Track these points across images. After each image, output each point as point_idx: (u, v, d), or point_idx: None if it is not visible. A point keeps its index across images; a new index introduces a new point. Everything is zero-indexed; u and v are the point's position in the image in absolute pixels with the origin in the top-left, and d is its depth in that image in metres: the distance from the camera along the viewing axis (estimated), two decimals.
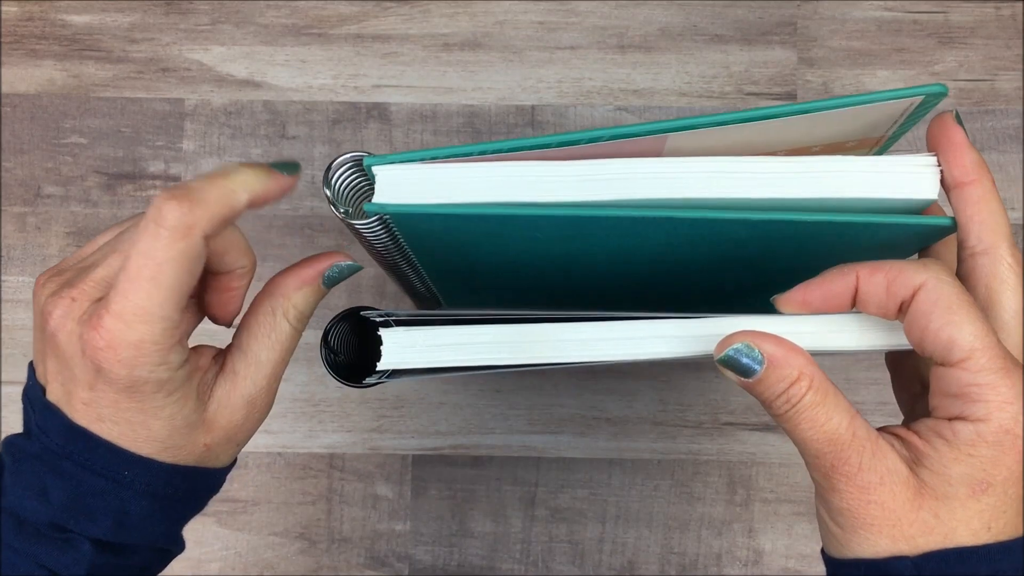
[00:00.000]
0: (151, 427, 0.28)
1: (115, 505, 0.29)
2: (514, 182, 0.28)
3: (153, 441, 0.28)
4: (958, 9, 0.57)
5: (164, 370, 0.27)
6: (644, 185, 0.28)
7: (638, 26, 0.57)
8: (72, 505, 0.28)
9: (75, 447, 0.28)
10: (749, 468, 0.55)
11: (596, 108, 0.57)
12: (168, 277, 0.26)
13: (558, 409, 0.55)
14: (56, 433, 0.28)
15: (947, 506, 0.26)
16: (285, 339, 0.30)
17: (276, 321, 0.30)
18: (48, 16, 0.58)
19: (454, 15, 0.57)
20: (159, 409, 0.28)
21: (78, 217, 0.57)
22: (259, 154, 0.57)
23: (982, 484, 0.26)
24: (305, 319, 0.31)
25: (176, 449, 0.29)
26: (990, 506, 0.26)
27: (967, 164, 0.28)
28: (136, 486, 0.29)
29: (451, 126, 0.57)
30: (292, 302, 0.30)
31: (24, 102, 0.57)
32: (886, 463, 0.26)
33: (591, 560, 0.55)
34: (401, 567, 0.55)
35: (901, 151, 0.29)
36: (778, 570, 0.55)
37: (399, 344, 0.29)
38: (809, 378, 0.27)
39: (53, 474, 0.28)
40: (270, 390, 0.31)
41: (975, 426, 0.26)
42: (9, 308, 0.56)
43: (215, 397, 0.30)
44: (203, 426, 0.29)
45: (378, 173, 0.28)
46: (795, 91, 0.56)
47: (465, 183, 0.28)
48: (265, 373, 0.30)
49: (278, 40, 0.57)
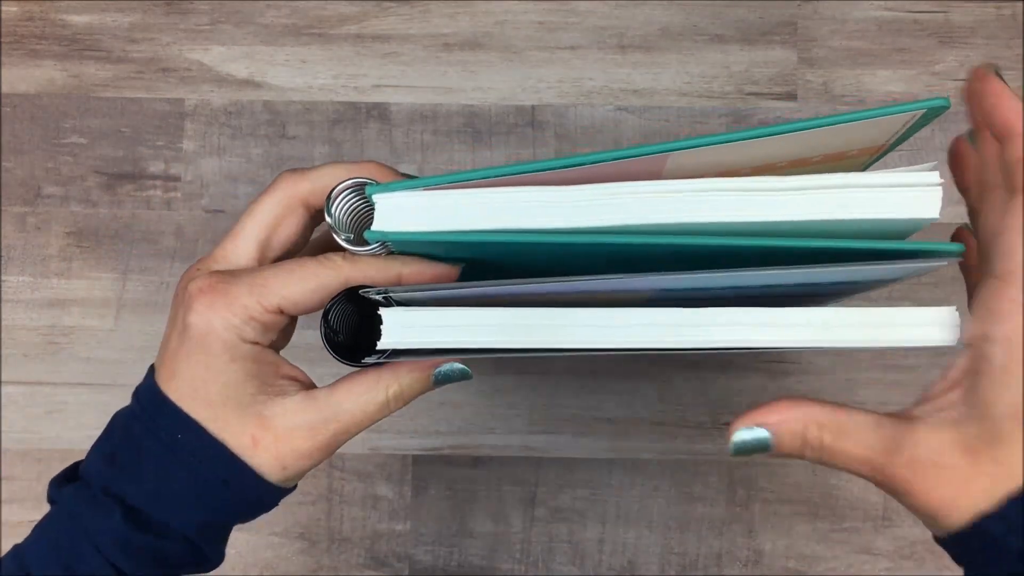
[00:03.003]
0: (209, 389, 0.30)
1: (160, 472, 0.30)
2: (514, 208, 0.28)
3: (207, 405, 0.30)
4: (958, 9, 0.57)
5: (234, 332, 0.30)
6: (642, 210, 0.28)
7: (638, 26, 0.57)
8: (128, 467, 0.31)
9: (149, 409, 0.31)
10: (749, 468, 0.55)
11: (596, 108, 0.57)
12: (258, 219, 0.31)
13: (558, 409, 0.55)
14: (142, 394, 0.31)
15: (1002, 447, 0.25)
16: (372, 407, 0.32)
17: (376, 388, 0.32)
18: (48, 16, 0.58)
19: (454, 15, 0.57)
20: (220, 373, 0.30)
21: (78, 217, 0.57)
22: (259, 154, 0.57)
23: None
24: (401, 401, 0.32)
25: (224, 423, 0.30)
26: None
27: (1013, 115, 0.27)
28: (182, 454, 0.30)
29: (451, 126, 0.57)
30: (399, 380, 0.32)
31: (24, 102, 0.57)
32: (930, 445, 0.26)
33: (591, 560, 0.55)
34: (401, 567, 0.55)
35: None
36: (778, 570, 0.55)
37: (399, 324, 0.29)
38: (817, 424, 0.27)
39: (126, 437, 0.31)
40: (330, 438, 0.32)
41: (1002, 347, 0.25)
42: (9, 308, 0.56)
43: (283, 403, 0.31)
44: (256, 418, 0.31)
45: (378, 201, 0.29)
46: (795, 91, 0.56)
47: (464, 210, 0.28)
48: (338, 420, 0.31)
49: (278, 40, 0.57)
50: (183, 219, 0.56)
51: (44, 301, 0.56)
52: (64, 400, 0.56)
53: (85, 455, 0.33)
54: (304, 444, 0.31)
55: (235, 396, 0.30)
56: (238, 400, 0.30)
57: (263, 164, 0.57)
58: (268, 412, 0.31)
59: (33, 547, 0.31)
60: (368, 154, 0.57)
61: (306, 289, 0.30)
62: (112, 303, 0.56)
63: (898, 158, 0.56)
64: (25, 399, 0.56)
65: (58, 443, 0.56)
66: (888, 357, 0.54)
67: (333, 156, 0.57)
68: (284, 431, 0.31)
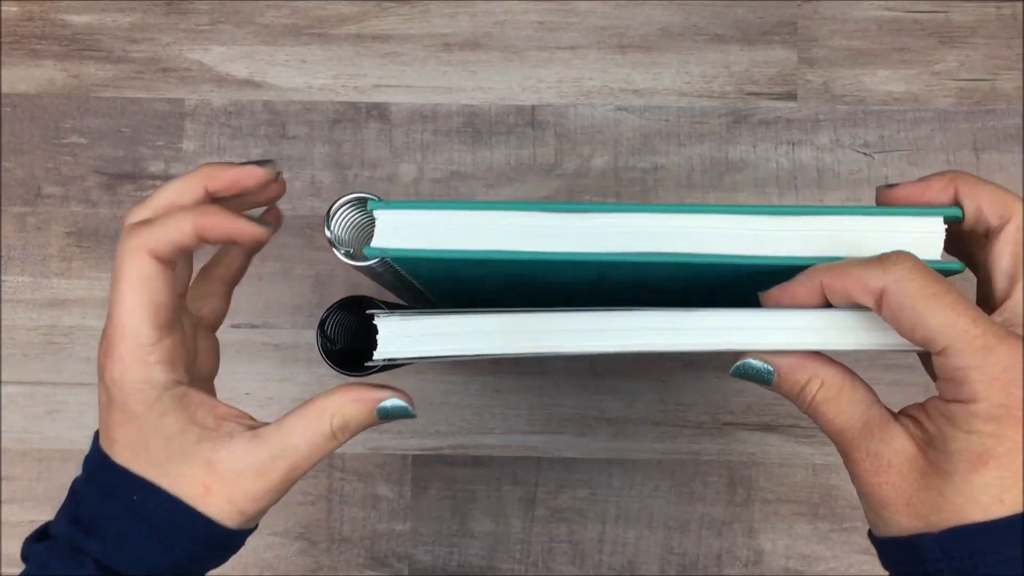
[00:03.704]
0: (150, 447, 0.30)
1: (121, 528, 0.30)
2: (513, 231, 0.29)
3: (154, 464, 0.30)
4: (959, 8, 0.57)
5: (149, 387, 0.30)
6: (636, 240, 0.28)
7: (638, 26, 0.57)
8: (90, 526, 0.31)
9: (100, 475, 0.31)
10: (749, 468, 0.55)
11: (596, 108, 0.56)
12: (126, 296, 0.30)
13: (558, 409, 0.55)
14: (93, 463, 0.32)
15: (950, 482, 0.27)
16: (320, 439, 0.31)
17: (321, 419, 0.31)
18: (48, 16, 0.58)
19: (454, 15, 0.57)
20: (154, 430, 0.30)
21: (78, 217, 0.57)
22: (259, 154, 0.57)
23: (982, 457, 0.26)
24: (347, 433, 0.32)
25: (174, 477, 0.30)
26: (996, 480, 0.26)
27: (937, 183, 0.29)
28: (140, 512, 0.30)
29: (451, 126, 0.57)
30: (342, 410, 0.31)
31: (24, 102, 0.57)
32: (894, 445, 0.28)
33: (591, 560, 0.55)
34: (401, 567, 0.55)
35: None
36: (778, 570, 0.55)
37: (395, 333, 0.30)
38: (820, 379, 0.29)
39: (85, 503, 0.31)
40: (282, 476, 0.31)
41: (967, 407, 0.26)
42: (9, 308, 0.56)
43: (229, 445, 0.31)
44: (204, 465, 0.30)
45: (379, 217, 0.29)
46: (795, 91, 0.56)
47: (465, 229, 0.29)
48: (286, 456, 0.31)
49: (278, 40, 0.57)
50: None
51: (44, 301, 0.56)
52: (64, 400, 0.56)
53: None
54: (256, 485, 0.31)
55: (178, 448, 0.30)
56: (182, 451, 0.30)
57: None
58: (215, 457, 0.31)
59: None
60: (368, 154, 0.57)
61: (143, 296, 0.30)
62: None
63: (897, 158, 0.56)
64: (25, 399, 0.56)
65: (58, 443, 0.56)
66: (888, 357, 0.54)
67: (333, 156, 0.57)
68: (233, 475, 0.31)
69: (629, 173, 0.56)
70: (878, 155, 0.56)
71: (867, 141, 0.56)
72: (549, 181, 0.56)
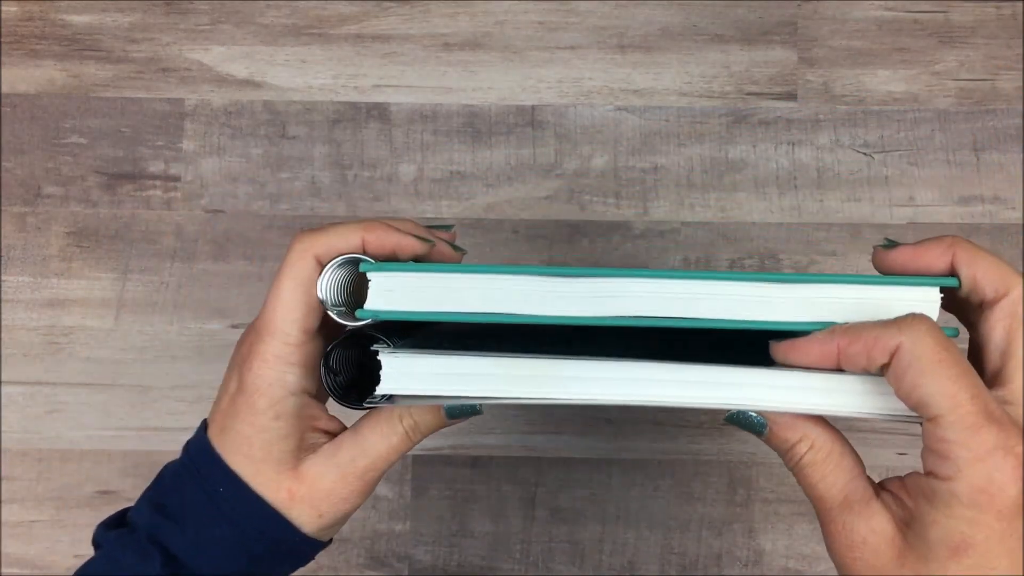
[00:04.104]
0: (253, 444, 0.31)
1: (201, 519, 0.32)
2: (506, 296, 0.29)
3: (251, 461, 0.32)
4: (958, 8, 0.57)
5: (279, 387, 0.31)
6: (635, 305, 0.29)
7: (638, 26, 0.57)
8: (173, 516, 0.32)
9: (197, 461, 0.33)
10: (749, 468, 0.55)
11: (596, 108, 0.56)
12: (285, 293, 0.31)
13: (558, 409, 0.55)
14: (192, 447, 0.33)
15: (927, 566, 0.27)
16: (393, 439, 0.33)
17: (392, 421, 0.33)
18: (48, 16, 0.58)
19: (454, 15, 0.57)
20: (264, 429, 0.31)
21: (78, 217, 0.57)
22: (259, 154, 0.57)
23: (961, 546, 0.26)
24: (419, 433, 0.33)
25: (263, 478, 0.32)
26: (973, 566, 0.26)
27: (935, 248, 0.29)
28: (224, 507, 0.31)
29: (451, 126, 0.57)
30: (411, 411, 0.32)
31: (24, 102, 0.57)
32: (871, 524, 0.28)
33: (591, 560, 0.55)
34: (401, 567, 0.55)
35: None
36: (778, 570, 0.55)
37: (398, 370, 0.30)
38: (810, 441, 0.29)
39: (175, 487, 0.33)
40: (363, 480, 0.33)
41: (947, 485, 0.26)
42: (9, 308, 0.56)
43: (314, 456, 0.33)
44: (293, 473, 0.32)
45: (372, 279, 0.29)
46: (795, 91, 0.56)
47: (460, 293, 0.29)
48: (367, 458, 0.32)
49: (278, 40, 0.57)
50: (183, 219, 0.56)
51: (44, 301, 0.56)
52: (64, 400, 0.56)
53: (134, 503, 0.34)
54: (337, 488, 0.32)
55: (276, 453, 0.32)
56: (279, 457, 0.32)
57: (263, 164, 0.57)
58: (303, 468, 0.32)
59: None
60: (368, 154, 0.57)
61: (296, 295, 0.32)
62: (112, 303, 0.56)
63: (897, 158, 0.56)
64: (25, 399, 0.56)
65: (58, 443, 0.56)
66: None
67: (333, 156, 0.57)
68: (316, 480, 0.32)
69: (629, 173, 0.56)
70: (878, 155, 0.56)
71: (867, 141, 0.56)
72: (549, 181, 0.56)
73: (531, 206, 0.56)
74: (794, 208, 0.56)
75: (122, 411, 0.56)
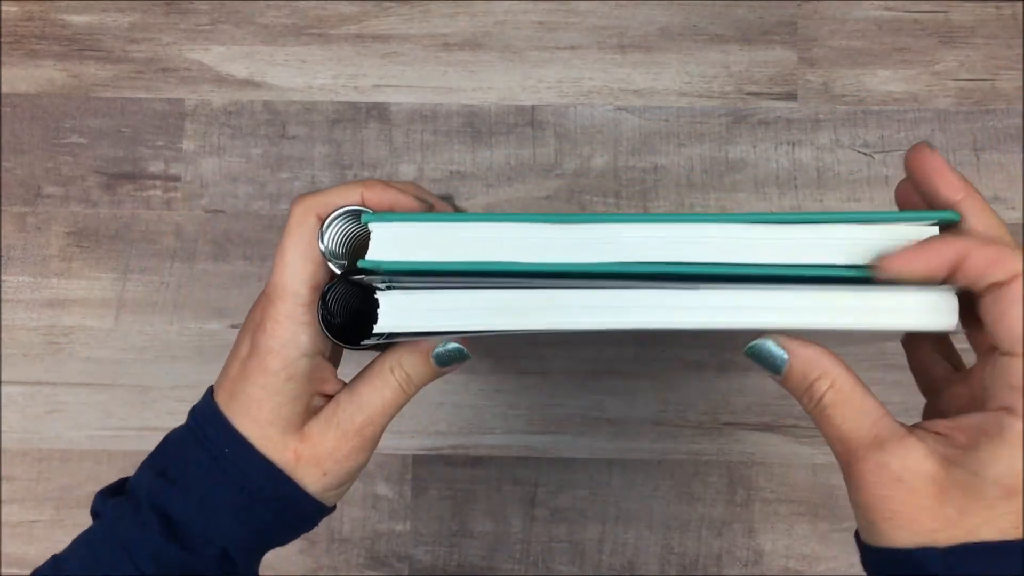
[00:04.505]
0: (262, 406, 0.32)
1: (205, 482, 0.32)
2: (510, 243, 0.29)
3: (258, 424, 0.32)
4: (959, 8, 0.57)
5: (292, 347, 0.31)
6: (639, 251, 0.28)
7: (638, 26, 0.57)
8: (177, 480, 0.32)
9: (202, 423, 0.33)
10: (749, 468, 0.55)
11: (596, 108, 0.56)
12: (290, 254, 0.31)
13: (558, 409, 0.55)
14: (198, 411, 0.33)
15: (974, 505, 0.26)
16: (388, 391, 0.33)
17: (383, 374, 0.33)
18: (48, 16, 0.58)
19: (454, 15, 0.57)
20: (276, 392, 0.31)
21: (78, 217, 0.57)
22: (259, 154, 0.57)
23: (1016, 488, 0.26)
24: (411, 383, 0.33)
25: (269, 441, 0.32)
26: (1022, 508, 0.26)
27: (956, 182, 0.29)
28: (229, 469, 0.32)
29: (451, 126, 0.57)
30: (401, 361, 0.33)
31: (24, 102, 0.57)
32: (907, 461, 0.27)
33: (591, 560, 0.55)
34: (401, 567, 0.55)
35: None
36: (778, 570, 0.55)
37: (395, 308, 0.29)
38: (831, 379, 0.28)
39: (178, 452, 0.33)
40: (361, 436, 0.33)
41: (1021, 422, 0.26)
42: (9, 308, 0.56)
43: (316, 418, 0.33)
44: (298, 435, 0.32)
45: (374, 230, 0.29)
46: (795, 91, 0.56)
47: (461, 242, 0.29)
48: (364, 413, 0.33)
49: (278, 40, 0.57)
50: (183, 219, 0.56)
51: (44, 301, 0.56)
52: (64, 400, 0.56)
53: (135, 470, 0.34)
54: (340, 446, 0.33)
55: (285, 416, 0.32)
56: (287, 419, 0.32)
57: (263, 164, 0.57)
58: (307, 428, 0.33)
59: (70, 555, 0.32)
60: (368, 154, 0.57)
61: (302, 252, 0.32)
62: (112, 303, 0.56)
63: (897, 158, 0.56)
64: (25, 399, 0.56)
65: (58, 443, 0.56)
66: (889, 357, 0.54)
67: (333, 156, 0.57)
68: (319, 439, 0.33)
69: (629, 173, 0.56)
70: (878, 155, 0.56)
71: (867, 141, 0.56)
72: (549, 181, 0.56)
73: (531, 206, 0.56)
74: (794, 208, 0.56)
75: (122, 411, 0.56)
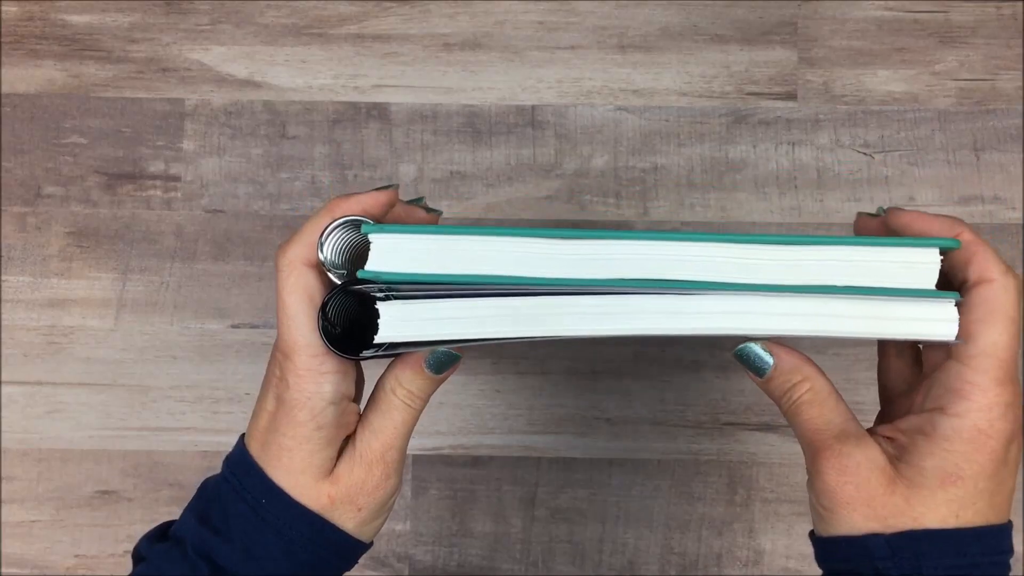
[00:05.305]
0: (294, 456, 0.32)
1: (248, 530, 0.32)
2: (504, 258, 0.29)
3: (288, 473, 0.32)
4: (959, 8, 0.57)
5: (318, 399, 0.32)
6: (633, 267, 0.29)
7: (638, 26, 0.57)
8: (218, 527, 0.33)
9: (238, 474, 0.33)
10: (749, 468, 0.55)
11: (596, 108, 0.57)
12: (291, 307, 0.31)
13: (558, 409, 0.55)
14: (233, 461, 0.34)
15: (918, 493, 0.29)
16: (395, 412, 0.33)
17: (387, 395, 0.34)
18: (48, 16, 0.58)
19: (454, 15, 0.57)
20: (306, 440, 0.32)
21: (78, 217, 0.57)
22: (259, 154, 0.57)
23: (951, 476, 0.29)
24: (415, 398, 0.34)
25: (303, 488, 0.33)
26: (959, 497, 0.29)
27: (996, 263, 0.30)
28: (268, 517, 0.32)
29: (451, 126, 0.57)
30: (399, 380, 0.33)
31: (24, 102, 0.57)
32: (867, 452, 0.30)
33: (591, 560, 0.55)
34: (401, 567, 0.55)
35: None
36: (778, 570, 0.55)
37: (396, 318, 0.30)
38: (810, 384, 0.31)
39: (215, 500, 0.34)
40: (384, 462, 0.34)
41: (951, 421, 0.29)
42: (9, 308, 0.56)
43: (343, 456, 0.34)
44: (329, 478, 0.33)
45: (374, 241, 0.29)
46: (795, 91, 0.56)
47: (460, 255, 0.29)
48: (379, 440, 0.33)
49: (278, 40, 0.57)
50: (183, 219, 0.56)
51: (44, 301, 0.56)
52: (64, 400, 0.56)
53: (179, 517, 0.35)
54: (366, 478, 0.33)
55: (316, 464, 0.33)
56: (319, 466, 0.33)
57: (263, 164, 0.57)
58: (336, 471, 0.33)
59: None
60: (368, 154, 0.57)
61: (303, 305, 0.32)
62: (112, 303, 0.56)
63: (897, 158, 0.56)
64: (25, 399, 0.56)
65: (58, 443, 0.56)
66: None
67: (333, 156, 0.57)
68: (347, 477, 0.33)
69: (629, 173, 0.56)
70: (878, 155, 0.56)
71: (867, 141, 0.56)
72: (549, 181, 0.56)
73: (531, 206, 0.56)
74: (794, 208, 0.56)
75: (122, 411, 0.56)
